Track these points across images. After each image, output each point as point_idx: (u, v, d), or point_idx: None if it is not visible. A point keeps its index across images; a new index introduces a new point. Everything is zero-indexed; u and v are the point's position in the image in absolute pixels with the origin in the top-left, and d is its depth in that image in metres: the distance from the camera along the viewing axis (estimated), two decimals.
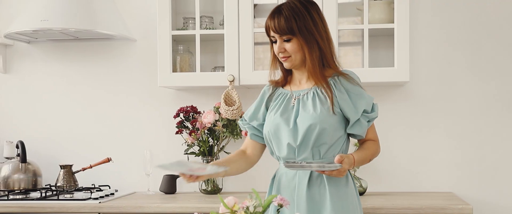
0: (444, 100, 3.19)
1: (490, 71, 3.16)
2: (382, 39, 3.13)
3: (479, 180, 3.17)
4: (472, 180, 3.17)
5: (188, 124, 3.17)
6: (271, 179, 2.33)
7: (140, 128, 3.38)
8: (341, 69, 2.24)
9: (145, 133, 3.37)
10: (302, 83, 2.26)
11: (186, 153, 3.15)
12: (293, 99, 2.24)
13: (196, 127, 3.11)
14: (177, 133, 3.15)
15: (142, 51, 3.38)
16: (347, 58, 3.26)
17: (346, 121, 2.20)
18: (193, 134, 3.10)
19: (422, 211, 2.67)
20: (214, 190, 3.18)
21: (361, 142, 2.29)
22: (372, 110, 2.21)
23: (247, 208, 1.82)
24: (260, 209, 1.84)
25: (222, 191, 3.21)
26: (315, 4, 2.21)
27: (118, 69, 3.40)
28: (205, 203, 2.84)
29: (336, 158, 2.06)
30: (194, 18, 3.14)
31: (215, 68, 3.25)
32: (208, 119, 3.08)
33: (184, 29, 3.19)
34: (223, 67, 3.10)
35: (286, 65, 2.22)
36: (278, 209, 1.85)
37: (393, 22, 2.95)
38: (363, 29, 2.98)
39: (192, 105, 3.16)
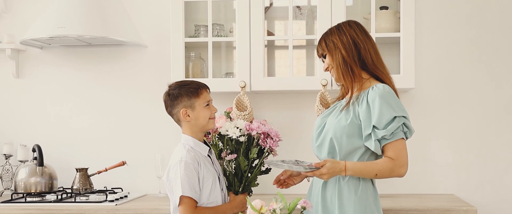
0: (447, 106, 3.32)
1: (491, 77, 3.30)
2: (388, 47, 3.25)
3: (479, 182, 3.30)
4: (472, 183, 3.30)
5: None
6: None
7: (151, 132, 3.47)
8: (380, 82, 2.33)
9: (157, 137, 3.46)
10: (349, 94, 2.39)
11: None
12: (335, 107, 2.41)
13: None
14: None
15: (153, 57, 3.47)
16: None
17: None
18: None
19: (429, 212, 2.79)
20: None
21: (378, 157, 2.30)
22: (384, 127, 2.19)
23: (274, 210, 1.92)
24: (285, 212, 1.94)
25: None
26: (351, 22, 2.37)
27: (129, 75, 3.49)
28: None
29: (320, 162, 2.21)
30: (205, 26, 3.24)
31: (226, 74, 3.35)
32: (219, 124, 3.16)
33: (195, 37, 3.29)
34: (233, 73, 3.20)
35: (334, 78, 2.39)
36: (301, 212, 1.96)
37: (399, 31, 3.07)
38: None
39: None
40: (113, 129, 3.51)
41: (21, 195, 3.17)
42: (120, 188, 3.35)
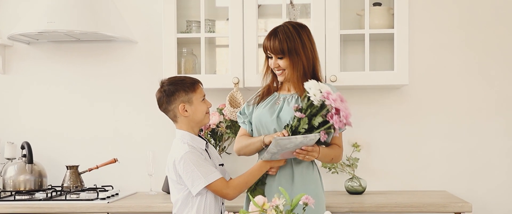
0: (440, 102, 3.32)
1: (483, 75, 3.32)
2: (381, 44, 3.25)
3: (471, 179, 3.32)
4: (464, 179, 3.32)
5: None
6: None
7: (142, 129, 3.42)
8: (324, 83, 2.50)
9: (148, 133, 3.42)
10: (291, 90, 2.57)
11: None
12: (279, 100, 2.56)
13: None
14: None
15: (144, 53, 3.42)
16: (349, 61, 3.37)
17: None
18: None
19: (424, 208, 2.79)
20: None
21: (328, 145, 2.55)
22: None
23: (277, 206, 1.90)
24: (288, 207, 1.93)
25: None
26: (305, 28, 2.54)
27: (119, 71, 3.44)
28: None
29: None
30: (198, 21, 3.21)
31: (215, 72, 3.32)
32: (212, 120, 3.14)
33: (187, 32, 3.25)
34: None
35: (280, 78, 2.54)
36: (303, 208, 1.94)
37: (393, 28, 3.07)
38: (364, 33, 3.09)
39: None
40: (103, 126, 3.45)
41: (10, 193, 3.11)
42: (111, 186, 3.30)
